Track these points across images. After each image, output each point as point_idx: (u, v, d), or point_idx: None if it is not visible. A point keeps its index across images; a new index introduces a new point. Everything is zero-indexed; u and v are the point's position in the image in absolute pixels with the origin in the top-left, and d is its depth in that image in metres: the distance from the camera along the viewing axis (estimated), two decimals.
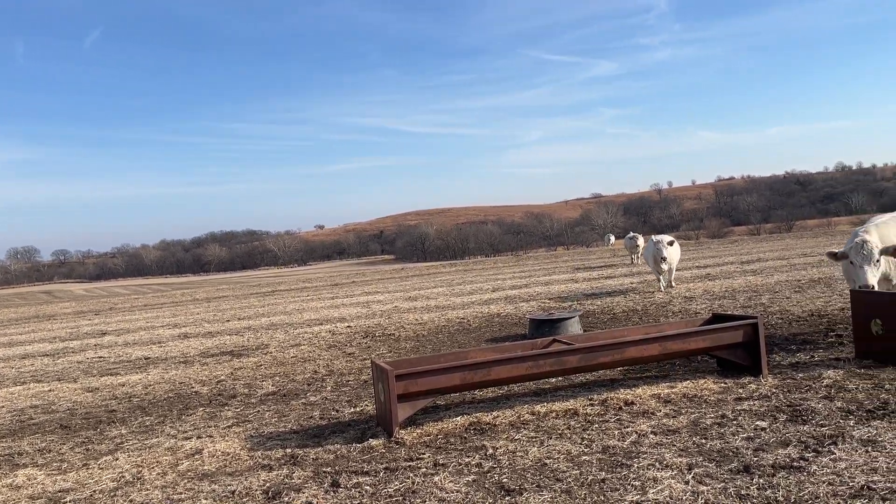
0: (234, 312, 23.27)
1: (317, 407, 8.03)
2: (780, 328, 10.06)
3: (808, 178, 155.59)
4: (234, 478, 5.62)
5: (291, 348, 13.21)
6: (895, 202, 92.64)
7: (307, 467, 5.70)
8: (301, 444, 6.41)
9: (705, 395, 6.65)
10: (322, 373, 10.25)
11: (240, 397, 9.07)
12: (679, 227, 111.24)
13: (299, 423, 7.30)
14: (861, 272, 7.81)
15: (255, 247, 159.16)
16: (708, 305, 13.23)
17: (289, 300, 26.75)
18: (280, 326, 17.34)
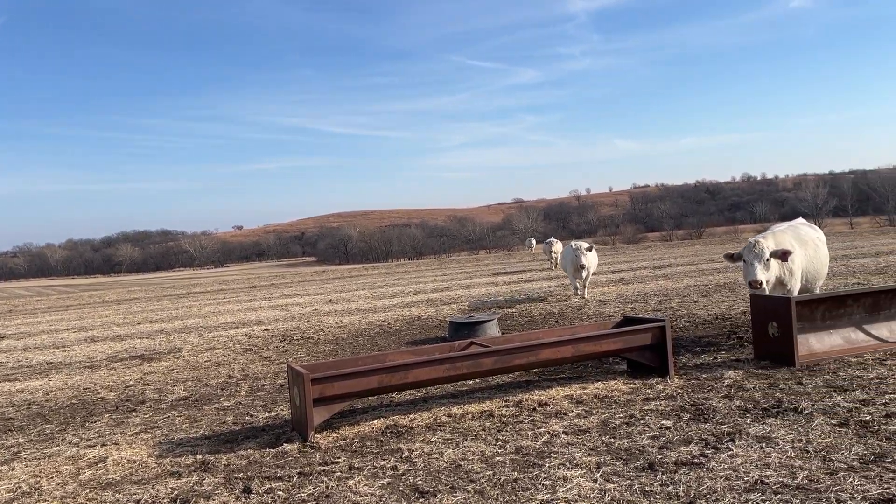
0: (145, 315, 22.44)
1: (230, 412, 7.84)
2: (687, 331, 10.50)
3: (717, 187, 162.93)
4: (139, 486, 5.42)
5: (205, 352, 12.85)
6: (795, 211, 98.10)
7: (218, 474, 5.56)
8: (213, 451, 6.25)
9: (615, 395, 6.87)
10: (237, 377, 10.02)
11: (149, 403, 8.76)
12: (596, 232, 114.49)
13: (211, 429, 7.12)
14: (751, 268, 8.29)
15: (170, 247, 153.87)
16: (621, 309, 13.66)
17: (204, 302, 26.01)
18: (194, 329, 16.84)
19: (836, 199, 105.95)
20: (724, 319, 11.26)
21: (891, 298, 8.21)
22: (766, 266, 8.29)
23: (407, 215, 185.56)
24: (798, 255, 8.86)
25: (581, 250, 15.45)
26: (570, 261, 15.86)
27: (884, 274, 16.15)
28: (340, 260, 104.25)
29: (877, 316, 8.20)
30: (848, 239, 33.33)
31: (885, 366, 7.09)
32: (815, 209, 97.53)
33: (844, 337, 8.03)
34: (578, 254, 15.36)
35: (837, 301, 8.05)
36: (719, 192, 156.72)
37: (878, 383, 6.43)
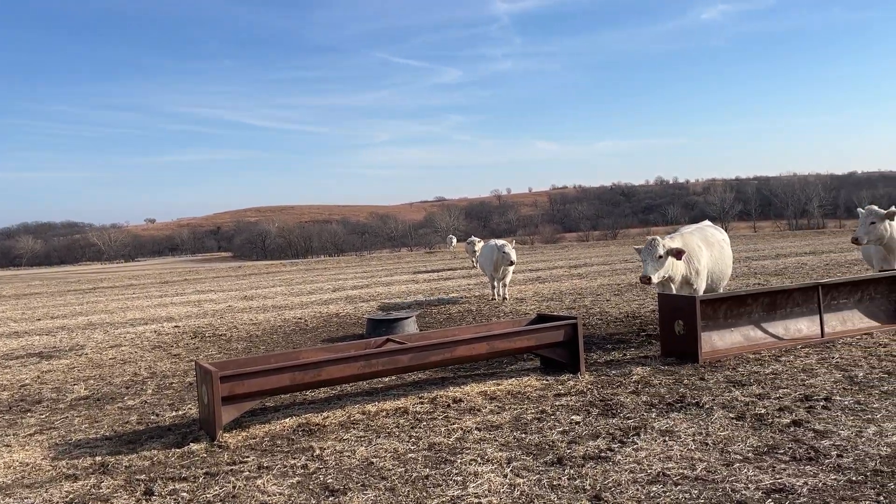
0: (46, 311, 21.29)
1: (134, 411, 7.53)
2: (599, 328, 10.79)
3: (632, 190, 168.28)
4: (32, 490, 5.13)
5: (110, 349, 12.29)
6: (704, 214, 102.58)
7: (118, 476, 5.32)
8: (113, 452, 5.98)
9: (528, 391, 6.98)
10: (143, 375, 9.63)
11: (46, 403, 8.30)
12: (516, 231, 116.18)
13: (113, 429, 6.81)
14: (644, 265, 8.58)
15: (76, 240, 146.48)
16: (537, 307, 13.91)
17: (111, 298, 24.91)
18: (99, 326, 16.09)
19: (742, 203, 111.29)
20: (635, 317, 11.62)
21: (786, 298, 8.67)
22: (659, 264, 8.53)
23: (328, 211, 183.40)
24: (704, 256, 9.24)
25: (508, 247, 14.88)
26: (491, 259, 15.33)
27: (782, 275, 17.05)
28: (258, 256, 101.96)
29: (773, 315, 8.64)
30: (751, 242, 35.07)
31: (780, 362, 7.48)
32: (722, 213, 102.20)
33: (744, 335, 8.42)
34: (507, 250, 14.74)
35: (739, 300, 8.44)
36: (634, 195, 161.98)
37: (773, 378, 6.78)
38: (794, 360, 7.49)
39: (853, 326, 8.86)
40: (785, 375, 6.87)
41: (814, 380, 6.61)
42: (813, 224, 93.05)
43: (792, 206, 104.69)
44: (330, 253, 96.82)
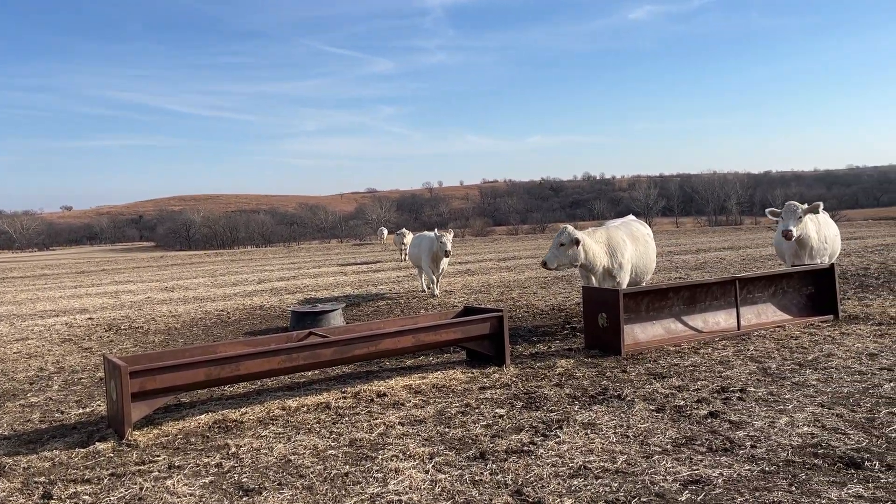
0: None
1: (38, 408, 7.08)
2: (525, 321, 10.84)
3: (560, 185, 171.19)
4: None
5: (16, 343, 11.60)
6: (629, 210, 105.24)
7: (15, 478, 4.97)
8: (11, 452, 5.59)
9: (453, 385, 6.92)
10: (50, 370, 9.11)
11: None
12: (447, 224, 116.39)
13: (13, 428, 6.38)
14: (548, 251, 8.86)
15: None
16: (465, 299, 13.89)
17: (21, 288, 23.62)
18: (5, 318, 15.19)
19: (665, 199, 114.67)
20: (560, 310, 11.74)
21: (705, 292, 8.89)
22: (560, 252, 8.73)
23: (255, 201, 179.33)
24: (629, 251, 9.38)
25: (446, 237, 14.15)
26: (429, 250, 14.50)
27: (702, 269, 17.60)
28: (182, 246, 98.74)
29: (693, 308, 8.86)
30: (673, 237, 36.17)
31: (699, 354, 7.65)
32: (646, 208, 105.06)
33: (666, 327, 8.60)
34: (444, 240, 14.01)
35: (660, 294, 8.60)
36: (562, 190, 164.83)
37: (692, 371, 6.92)
38: (712, 353, 7.68)
39: (767, 319, 9.17)
40: (703, 367, 7.03)
41: (730, 371, 6.78)
42: (731, 220, 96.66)
43: (712, 203, 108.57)
44: (257, 244, 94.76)
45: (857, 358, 7.04)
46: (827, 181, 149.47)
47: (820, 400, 5.68)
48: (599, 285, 9.21)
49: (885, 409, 5.35)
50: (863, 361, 6.88)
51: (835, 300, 9.42)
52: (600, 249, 9.07)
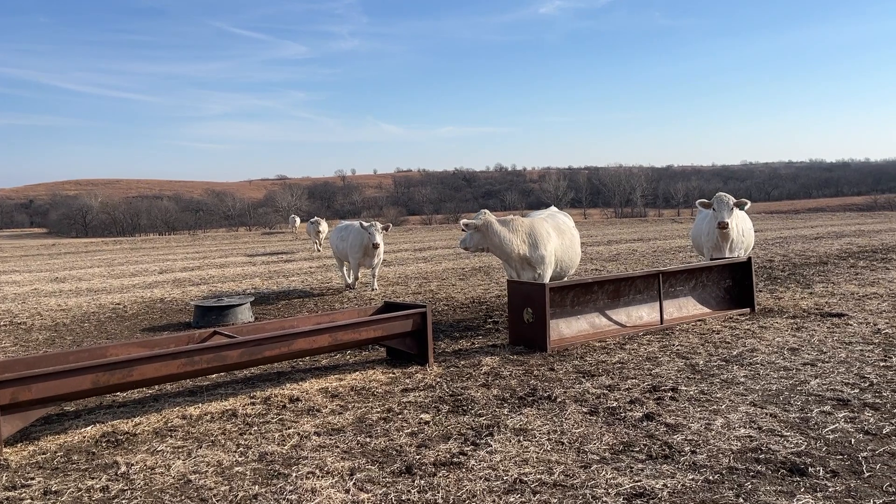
0: None
1: None
2: (446, 315, 10.47)
3: (473, 175, 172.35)
4: None
5: None
6: (540, 201, 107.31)
7: None
8: None
9: (374, 387, 6.44)
10: None
11: None
12: (360, 213, 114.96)
13: None
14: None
15: None
16: (382, 291, 13.40)
17: None
18: None
19: (574, 191, 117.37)
20: (481, 303, 11.44)
21: (629, 285, 8.76)
22: (469, 237, 8.71)
23: (159, 186, 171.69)
24: (552, 243, 9.14)
25: (376, 228, 13.02)
26: (359, 242, 13.21)
27: (616, 261, 17.76)
28: (78, 233, 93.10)
29: (617, 302, 8.71)
30: (584, 228, 36.74)
31: (625, 350, 7.48)
32: (556, 200, 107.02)
33: (590, 322, 8.41)
34: (373, 231, 12.89)
35: (585, 288, 8.40)
36: (475, 180, 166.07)
37: (621, 368, 6.71)
38: (638, 348, 7.53)
39: (688, 313, 9.15)
40: (631, 364, 6.84)
41: (659, 369, 6.61)
42: (636, 213, 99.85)
43: (618, 196, 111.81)
44: (160, 231, 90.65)
45: (779, 353, 7.02)
46: (723, 176, 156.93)
47: (751, 398, 5.55)
48: (519, 276, 8.94)
49: (816, 407, 5.26)
50: (785, 356, 6.86)
51: (751, 293, 9.50)
52: (516, 238, 8.80)
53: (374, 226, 13.06)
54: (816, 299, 10.14)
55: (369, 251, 13.19)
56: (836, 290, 11.03)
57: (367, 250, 13.20)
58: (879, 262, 14.86)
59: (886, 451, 4.35)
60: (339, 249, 14.17)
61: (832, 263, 14.89)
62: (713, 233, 10.00)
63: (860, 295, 10.37)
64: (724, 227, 9.63)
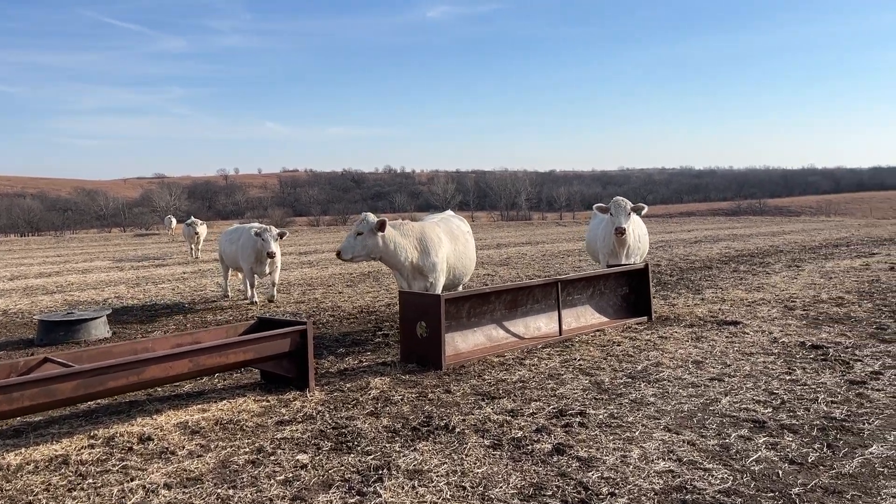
0: None
1: None
2: (331, 327, 9.61)
3: (362, 176, 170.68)
4: None
5: None
6: (429, 204, 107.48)
7: None
8: None
9: (243, 419, 5.53)
10: None
11: None
12: (244, 214, 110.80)
13: None
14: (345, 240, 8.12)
15: None
16: (261, 300, 12.33)
17: None
18: None
19: (462, 194, 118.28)
20: (370, 313, 10.66)
21: (527, 295, 8.26)
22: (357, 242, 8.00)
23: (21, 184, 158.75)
24: (445, 249, 8.51)
25: (271, 234, 11.44)
26: (251, 248, 11.63)
27: (507, 265, 17.44)
28: None
29: (515, 312, 8.19)
30: (473, 231, 36.54)
31: (525, 366, 6.93)
32: (444, 202, 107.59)
33: (487, 335, 7.83)
34: (267, 237, 11.35)
35: (482, 298, 7.81)
36: (364, 182, 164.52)
37: (523, 388, 6.14)
38: (539, 364, 7.00)
39: (586, 322, 8.76)
40: (533, 383, 6.28)
41: (563, 388, 6.08)
42: (521, 216, 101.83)
43: (504, 199, 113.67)
44: (22, 232, 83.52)
45: (684, 367, 6.68)
46: (602, 181, 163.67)
47: (665, 422, 5.10)
48: (409, 286, 8.27)
49: (734, 431, 4.87)
50: (691, 371, 6.53)
51: (649, 301, 9.26)
52: (408, 244, 8.13)
53: (270, 231, 11.50)
54: (709, 306, 10.06)
55: (262, 259, 11.69)
56: (725, 295, 11.06)
57: (259, 258, 11.70)
58: (759, 266, 15.28)
59: (818, 485, 3.96)
60: (227, 255, 12.60)
61: (716, 268, 15.17)
62: (609, 238, 9.70)
63: (749, 301, 10.40)
64: (621, 234, 9.33)
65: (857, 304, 9.75)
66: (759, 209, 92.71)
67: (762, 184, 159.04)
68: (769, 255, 17.62)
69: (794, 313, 9.29)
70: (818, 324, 8.52)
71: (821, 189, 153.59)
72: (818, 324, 8.52)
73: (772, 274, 13.73)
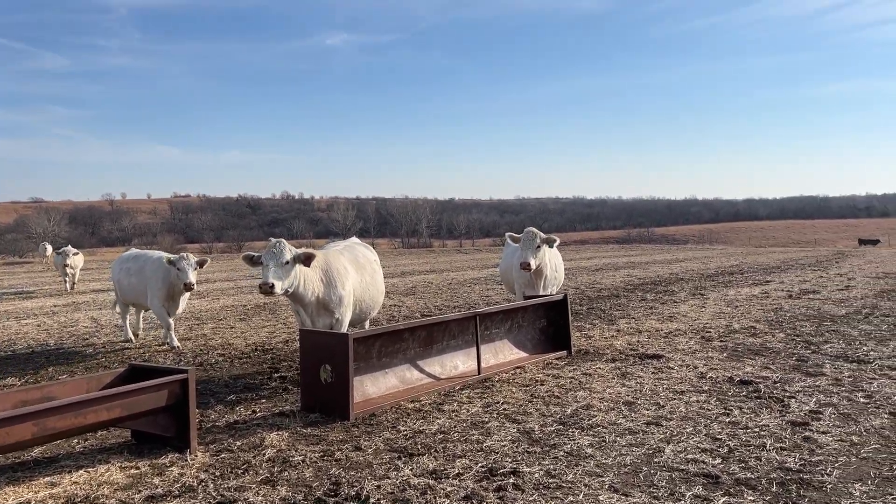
0: None
1: None
2: (220, 368, 8.53)
3: (258, 202, 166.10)
4: None
5: None
6: (328, 230, 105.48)
7: None
8: None
9: (103, 495, 4.47)
10: None
11: None
12: (131, 241, 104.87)
13: None
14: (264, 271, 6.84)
15: None
16: (141, 339, 11.00)
17: None
18: None
19: (362, 221, 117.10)
20: (265, 351, 9.62)
21: (443, 330, 7.54)
22: (285, 271, 6.87)
23: None
24: (351, 281, 7.69)
25: (189, 262, 9.52)
26: (163, 280, 9.72)
27: (414, 295, 16.70)
28: None
29: (430, 350, 7.43)
30: None
31: (445, 413, 6.18)
32: (345, 230, 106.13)
33: (400, 376, 7.02)
34: (185, 266, 9.46)
35: (395, 336, 7.01)
36: (260, 208, 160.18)
37: (444, 441, 5.38)
38: (460, 409, 6.26)
39: (505, 359, 8.13)
40: (456, 434, 5.53)
41: (490, 440, 5.36)
42: (422, 243, 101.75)
43: (405, 226, 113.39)
44: None
45: (616, 409, 6.13)
46: (500, 209, 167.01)
47: (609, 480, 4.47)
48: (312, 323, 7.38)
49: (687, 489, 4.29)
50: (625, 414, 5.97)
51: (568, 334, 8.75)
52: (314, 276, 7.27)
53: (187, 259, 9.53)
54: (627, 338, 9.69)
55: (176, 294, 9.78)
56: (639, 325, 10.76)
57: (173, 292, 9.75)
58: (665, 294, 15.27)
59: None
60: (126, 288, 10.40)
61: (624, 297, 15.02)
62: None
63: (665, 332, 10.11)
64: (525, 268, 8.80)
65: (770, 334, 9.64)
66: (648, 237, 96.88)
67: (649, 213, 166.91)
68: (672, 283, 17.75)
69: (712, 345, 9.03)
70: (739, 356, 8.25)
71: (702, 219, 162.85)
72: (739, 356, 8.25)
73: (679, 302, 13.67)
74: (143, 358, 9.48)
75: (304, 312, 7.33)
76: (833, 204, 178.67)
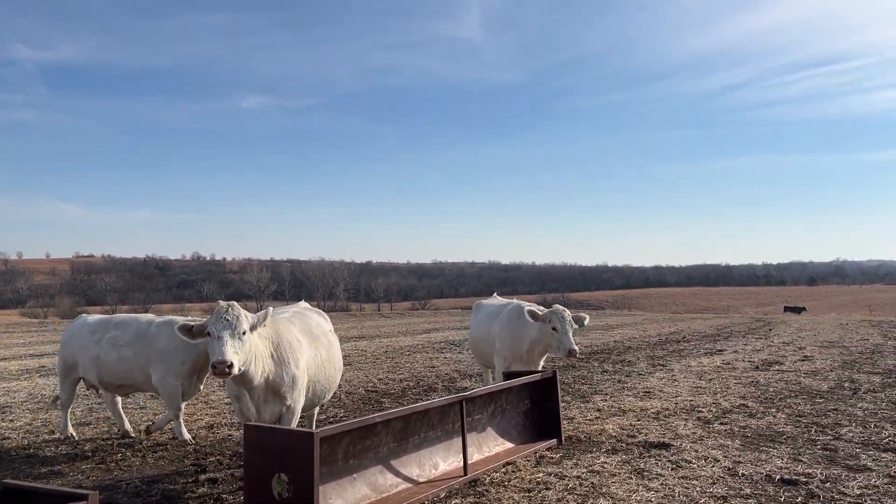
0: None
1: None
2: (127, 468, 6.71)
3: (166, 263, 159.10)
4: None
5: None
6: (240, 292, 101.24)
7: None
8: None
9: None
10: None
11: None
12: (26, 303, 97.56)
13: None
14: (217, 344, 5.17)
15: None
16: (28, 423, 8.93)
17: None
18: None
19: (277, 283, 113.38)
20: (184, 441, 7.82)
21: (421, 420, 6.07)
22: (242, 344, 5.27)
23: None
24: (306, 356, 6.17)
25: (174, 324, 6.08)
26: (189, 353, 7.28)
27: (350, 366, 15.04)
28: None
29: (406, 445, 5.93)
30: None
31: None
32: (258, 292, 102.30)
33: (371, 482, 5.48)
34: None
35: (366, 430, 5.49)
36: (169, 269, 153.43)
37: None
38: None
39: (490, 452, 6.71)
40: None
41: None
42: (340, 307, 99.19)
43: (322, 289, 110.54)
44: None
45: None
46: (419, 273, 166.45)
47: None
48: (258, 411, 5.82)
49: None
50: None
51: (557, 419, 7.42)
52: (264, 349, 5.70)
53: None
54: (616, 420, 8.45)
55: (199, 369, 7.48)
56: (619, 404, 9.57)
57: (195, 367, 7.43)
58: (623, 364, 14.25)
59: None
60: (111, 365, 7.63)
61: (583, 368, 13.89)
62: (521, 341, 7.91)
63: (653, 412, 8.96)
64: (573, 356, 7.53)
65: (771, 415, 8.63)
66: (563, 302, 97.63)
67: (563, 278, 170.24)
68: (623, 353, 16.80)
69: (714, 428, 7.92)
70: (755, 444, 7.14)
71: (614, 284, 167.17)
72: (755, 444, 7.14)
73: (645, 374, 12.64)
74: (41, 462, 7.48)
75: (247, 397, 5.72)
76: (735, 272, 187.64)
